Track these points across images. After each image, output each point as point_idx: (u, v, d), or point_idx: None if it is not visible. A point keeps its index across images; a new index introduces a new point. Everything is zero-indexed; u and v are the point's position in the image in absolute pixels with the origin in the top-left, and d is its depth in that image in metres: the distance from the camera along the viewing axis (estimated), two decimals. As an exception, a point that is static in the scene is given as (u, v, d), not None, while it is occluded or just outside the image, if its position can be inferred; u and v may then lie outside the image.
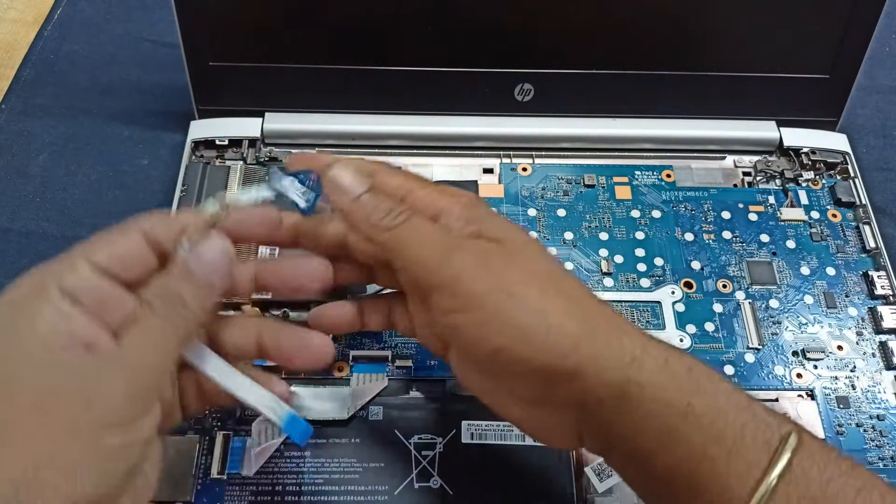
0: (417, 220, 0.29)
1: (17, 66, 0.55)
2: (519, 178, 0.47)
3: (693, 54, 0.47)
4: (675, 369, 0.26)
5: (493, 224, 0.30)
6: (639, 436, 0.26)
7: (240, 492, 0.35)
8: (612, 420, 0.26)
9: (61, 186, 0.49)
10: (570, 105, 0.48)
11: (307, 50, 0.46)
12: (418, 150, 0.49)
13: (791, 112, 0.49)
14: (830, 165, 0.48)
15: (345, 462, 0.36)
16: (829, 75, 0.47)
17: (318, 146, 0.48)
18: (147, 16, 0.58)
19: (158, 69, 0.54)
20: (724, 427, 0.25)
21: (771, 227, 0.45)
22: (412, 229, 0.29)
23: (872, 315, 0.41)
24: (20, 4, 0.60)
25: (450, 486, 0.35)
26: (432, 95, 0.48)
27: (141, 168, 0.50)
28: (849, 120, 0.49)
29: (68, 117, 0.52)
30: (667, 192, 0.46)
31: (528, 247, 0.29)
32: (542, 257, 0.29)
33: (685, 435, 0.26)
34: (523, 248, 0.29)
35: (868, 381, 0.39)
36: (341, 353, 0.39)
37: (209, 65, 0.46)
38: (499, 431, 0.36)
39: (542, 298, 0.27)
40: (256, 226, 0.31)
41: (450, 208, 0.30)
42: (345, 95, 0.48)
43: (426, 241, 0.29)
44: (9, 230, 0.47)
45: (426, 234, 0.29)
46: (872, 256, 0.44)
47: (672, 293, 0.42)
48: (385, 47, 0.46)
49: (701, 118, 0.49)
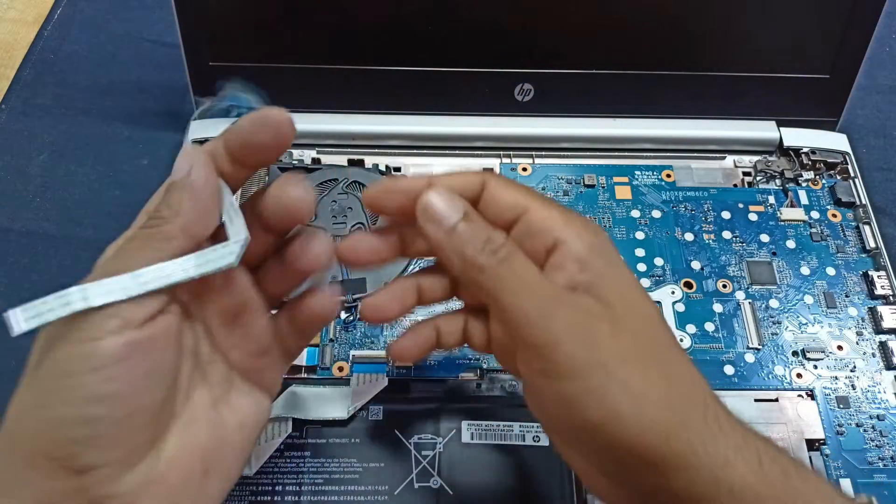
0: (519, 262, 0.26)
1: (17, 66, 0.55)
2: (519, 178, 0.47)
3: (693, 54, 0.47)
4: (770, 474, 0.24)
5: (609, 276, 0.26)
6: None
7: (240, 492, 0.35)
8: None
9: (61, 186, 0.49)
10: (570, 105, 0.48)
11: (307, 50, 0.46)
12: (418, 150, 0.49)
13: (791, 112, 0.49)
14: (830, 165, 0.48)
15: (345, 462, 0.36)
16: (829, 75, 0.47)
17: (318, 146, 0.48)
18: (147, 16, 0.58)
19: (158, 69, 0.54)
20: None
21: (771, 227, 0.45)
22: (510, 272, 0.26)
23: (872, 315, 0.41)
24: (20, 4, 0.60)
25: (450, 486, 0.35)
26: (432, 95, 0.48)
27: (141, 168, 0.50)
28: (849, 120, 0.49)
29: (68, 117, 0.52)
30: (667, 192, 0.46)
31: (638, 313, 0.26)
32: (651, 327, 0.26)
33: None
34: (633, 314, 0.26)
35: (868, 381, 0.39)
36: (341, 353, 0.39)
37: (209, 65, 0.46)
38: (499, 431, 0.36)
39: (644, 381, 0.25)
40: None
41: (569, 243, 0.26)
42: (345, 95, 0.48)
43: (525, 290, 0.25)
44: (9, 230, 0.47)
45: (527, 281, 0.26)
46: (872, 256, 0.44)
47: (672, 293, 0.42)
48: (385, 47, 0.46)
49: (701, 118, 0.49)
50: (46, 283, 0.44)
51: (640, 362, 0.25)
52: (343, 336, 0.40)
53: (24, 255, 0.46)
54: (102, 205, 0.48)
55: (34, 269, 0.45)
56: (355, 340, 0.40)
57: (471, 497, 0.35)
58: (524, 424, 0.37)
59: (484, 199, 0.28)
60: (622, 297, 0.26)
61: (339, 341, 0.40)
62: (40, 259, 0.46)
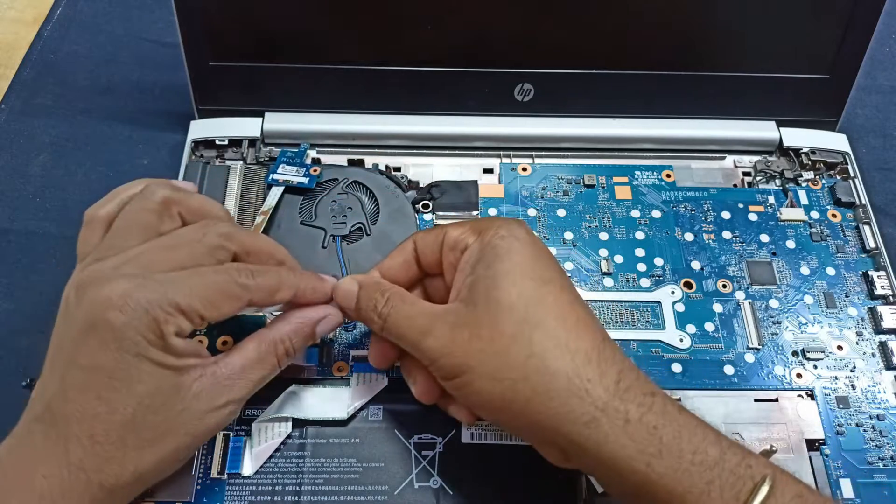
0: (399, 302, 0.33)
1: (17, 65, 0.55)
2: (519, 178, 0.47)
3: (693, 54, 0.47)
4: (635, 431, 0.29)
5: (483, 278, 0.32)
6: (610, 488, 0.31)
7: (240, 492, 0.35)
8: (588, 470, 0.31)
9: (61, 186, 0.49)
10: (570, 105, 0.48)
11: (307, 50, 0.46)
12: (418, 150, 0.49)
13: (791, 112, 0.49)
14: (830, 165, 0.48)
15: (345, 462, 0.36)
16: (829, 75, 0.47)
17: (319, 146, 0.48)
18: (147, 16, 0.58)
19: (158, 69, 0.54)
20: (687, 489, 0.28)
21: (771, 227, 0.45)
22: (396, 313, 0.33)
23: (872, 315, 0.41)
24: (20, 4, 0.60)
25: (450, 486, 0.35)
26: (432, 95, 0.48)
27: (141, 168, 0.50)
28: (849, 120, 0.49)
29: (68, 117, 0.52)
30: (667, 192, 0.46)
31: (501, 311, 0.31)
32: (512, 323, 0.30)
33: (649, 494, 0.28)
34: (493, 313, 0.31)
35: (868, 381, 0.39)
36: (341, 354, 0.39)
37: (209, 65, 0.46)
38: (499, 431, 0.36)
39: (490, 385, 0.30)
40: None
41: (467, 251, 0.33)
42: (345, 95, 0.48)
43: (407, 322, 0.33)
44: (9, 230, 0.47)
45: (409, 314, 0.33)
46: (872, 256, 0.44)
47: (672, 293, 0.42)
48: (385, 47, 0.46)
49: (701, 118, 0.49)
50: (46, 283, 0.44)
51: (491, 363, 0.30)
52: (343, 336, 0.40)
53: (24, 255, 0.46)
54: (102, 205, 0.48)
55: (34, 269, 0.45)
56: (355, 340, 0.40)
57: (471, 497, 0.35)
58: (524, 424, 0.37)
59: (422, 251, 0.35)
60: (486, 298, 0.31)
61: (339, 341, 0.40)
62: (40, 259, 0.46)
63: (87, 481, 0.29)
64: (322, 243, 0.43)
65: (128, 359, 0.29)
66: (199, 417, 0.31)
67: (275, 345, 0.33)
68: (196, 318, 0.31)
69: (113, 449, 0.29)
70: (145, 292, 0.29)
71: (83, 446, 0.29)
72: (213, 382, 0.31)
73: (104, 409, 0.29)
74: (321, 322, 0.35)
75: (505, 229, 0.33)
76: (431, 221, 0.44)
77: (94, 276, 0.30)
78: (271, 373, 0.34)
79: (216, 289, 0.31)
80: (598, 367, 0.30)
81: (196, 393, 0.31)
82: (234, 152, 0.47)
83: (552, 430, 0.29)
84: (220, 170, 0.46)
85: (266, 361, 0.33)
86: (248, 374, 0.32)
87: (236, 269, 0.33)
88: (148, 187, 0.35)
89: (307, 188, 0.45)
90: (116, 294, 0.29)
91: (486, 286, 0.31)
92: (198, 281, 0.31)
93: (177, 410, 0.30)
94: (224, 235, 0.34)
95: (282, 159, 0.46)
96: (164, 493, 0.34)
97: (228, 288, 0.32)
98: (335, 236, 0.43)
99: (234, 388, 0.32)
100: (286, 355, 0.34)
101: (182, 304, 0.30)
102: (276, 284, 0.34)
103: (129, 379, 0.29)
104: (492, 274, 0.31)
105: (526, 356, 0.30)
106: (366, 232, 0.44)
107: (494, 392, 0.30)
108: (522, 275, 0.31)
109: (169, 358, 0.30)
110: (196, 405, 0.31)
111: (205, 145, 0.48)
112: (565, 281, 0.32)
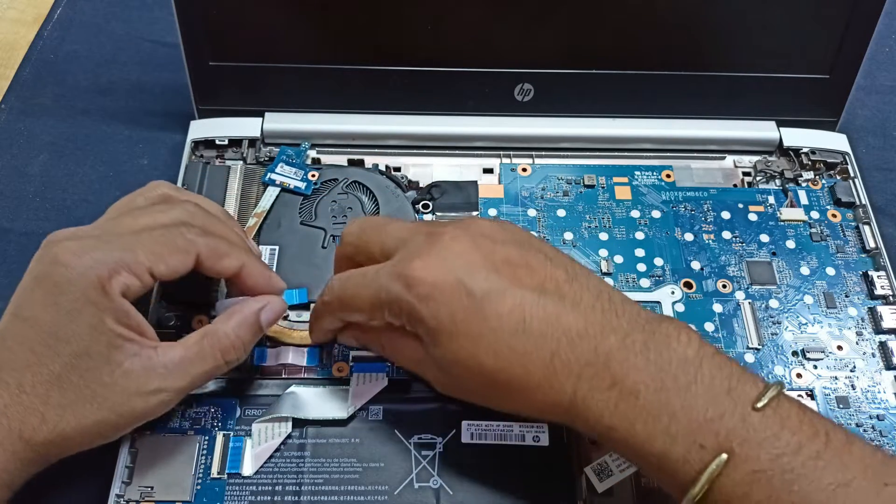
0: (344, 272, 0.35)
1: (17, 65, 0.55)
2: (519, 178, 0.47)
3: (693, 54, 0.47)
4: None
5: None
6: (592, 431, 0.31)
7: (239, 492, 0.35)
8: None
9: (61, 186, 0.49)
10: (570, 105, 0.48)
11: (307, 50, 0.46)
12: (418, 150, 0.49)
13: (791, 112, 0.49)
14: (830, 165, 0.48)
15: (345, 462, 0.36)
16: (829, 75, 0.47)
17: (319, 146, 0.48)
18: (147, 16, 0.58)
19: (158, 69, 0.54)
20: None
21: (771, 227, 0.45)
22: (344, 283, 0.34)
23: (872, 315, 0.41)
24: (20, 4, 0.60)
25: (450, 486, 0.35)
26: (433, 95, 0.48)
27: (141, 168, 0.50)
28: (848, 120, 0.49)
29: (68, 117, 0.52)
30: (667, 192, 0.46)
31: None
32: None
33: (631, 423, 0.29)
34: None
35: (868, 381, 0.39)
36: (341, 353, 0.39)
37: (209, 65, 0.46)
38: (499, 431, 0.36)
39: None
40: None
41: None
42: (345, 95, 0.48)
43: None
44: (9, 230, 0.47)
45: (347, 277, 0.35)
46: (872, 256, 0.44)
47: (672, 293, 0.42)
48: (385, 47, 0.46)
49: (701, 118, 0.49)
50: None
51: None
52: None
53: (24, 255, 0.45)
54: (102, 205, 0.47)
55: (34, 269, 0.45)
56: (355, 340, 0.40)
57: (471, 497, 0.35)
58: (524, 424, 0.37)
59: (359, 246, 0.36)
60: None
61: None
62: (40, 259, 0.45)
63: (8, 428, 0.30)
64: (322, 243, 0.43)
65: (63, 315, 0.30)
66: (125, 396, 0.31)
67: (218, 339, 0.33)
68: (144, 272, 0.32)
69: (38, 402, 0.30)
70: (92, 251, 0.31)
71: (11, 393, 0.30)
72: (146, 365, 0.31)
73: (34, 360, 0.30)
74: (263, 310, 0.35)
75: (415, 299, 0.31)
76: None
77: (57, 238, 0.32)
78: (214, 368, 0.33)
79: (163, 241, 0.33)
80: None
81: (126, 371, 0.31)
82: (234, 152, 0.47)
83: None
84: (220, 170, 0.46)
85: (207, 356, 0.33)
86: (187, 367, 0.33)
87: (186, 226, 0.34)
88: (156, 182, 0.37)
89: (302, 192, 0.45)
90: (65, 251, 0.31)
91: (451, 368, 0.31)
92: (146, 237, 0.32)
93: (103, 382, 0.31)
94: (189, 213, 0.35)
95: (281, 157, 0.46)
96: (164, 492, 0.34)
97: (175, 241, 0.33)
98: (335, 236, 0.43)
99: (169, 378, 0.32)
100: (232, 349, 0.34)
101: (128, 259, 0.31)
102: (224, 249, 0.35)
103: (62, 336, 0.30)
104: (448, 356, 0.31)
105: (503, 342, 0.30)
106: (366, 232, 0.44)
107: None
108: (469, 341, 0.30)
109: (108, 321, 0.31)
110: (124, 382, 0.31)
111: (205, 145, 0.48)
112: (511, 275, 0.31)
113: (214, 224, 0.36)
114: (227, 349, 0.34)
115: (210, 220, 0.36)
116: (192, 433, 0.36)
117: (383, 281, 0.32)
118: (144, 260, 0.32)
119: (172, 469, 0.35)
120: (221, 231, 0.36)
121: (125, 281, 0.31)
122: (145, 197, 0.36)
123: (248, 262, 0.36)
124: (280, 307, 0.36)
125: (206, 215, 0.36)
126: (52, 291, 0.30)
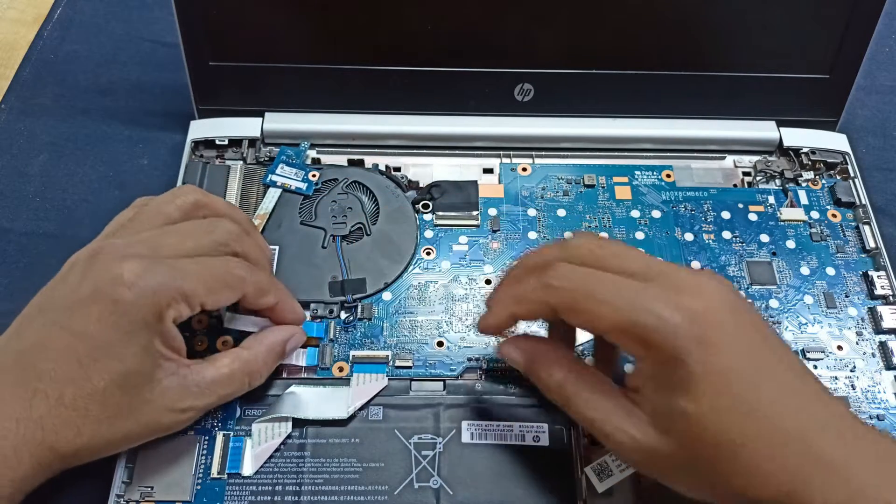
0: (581, 392, 0.32)
1: (17, 65, 0.55)
2: (519, 178, 0.47)
3: (693, 54, 0.47)
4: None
5: (690, 413, 0.28)
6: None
7: (239, 492, 0.35)
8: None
9: (61, 186, 0.49)
10: (570, 105, 0.48)
11: (307, 50, 0.46)
12: (418, 150, 0.49)
13: (791, 112, 0.49)
14: (830, 165, 0.48)
15: (345, 462, 0.36)
16: (829, 75, 0.47)
17: (319, 146, 0.48)
18: (147, 16, 0.58)
19: (158, 69, 0.54)
20: None
21: (771, 227, 0.45)
22: (578, 400, 0.32)
23: (872, 315, 0.41)
24: (20, 4, 0.60)
25: (450, 486, 0.35)
26: (432, 95, 0.48)
27: (141, 168, 0.50)
28: (848, 120, 0.49)
29: (68, 117, 0.52)
30: (667, 192, 0.46)
31: (703, 448, 0.29)
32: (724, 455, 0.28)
33: None
34: (699, 450, 0.29)
35: (868, 381, 0.39)
36: (341, 354, 0.39)
37: (209, 65, 0.46)
38: (499, 431, 0.36)
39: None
40: None
41: (641, 365, 0.30)
42: (345, 95, 0.48)
43: (592, 415, 0.31)
44: (9, 230, 0.47)
45: (594, 408, 0.31)
46: (872, 256, 0.44)
47: (672, 293, 0.42)
48: (385, 47, 0.46)
49: (701, 118, 0.49)
50: (46, 283, 0.44)
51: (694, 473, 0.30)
52: (343, 336, 0.40)
53: (24, 255, 0.46)
54: (102, 205, 0.48)
55: (34, 269, 0.45)
56: (355, 340, 0.40)
57: (471, 497, 0.35)
58: (524, 424, 0.37)
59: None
60: (691, 438, 0.29)
61: (339, 341, 0.40)
62: (40, 259, 0.45)
63: (41, 440, 0.29)
64: (322, 243, 0.43)
65: (120, 335, 0.30)
66: (158, 412, 0.32)
67: (248, 364, 0.34)
68: (196, 304, 0.32)
69: (76, 416, 0.30)
70: (156, 276, 0.31)
71: (49, 405, 0.29)
72: (182, 384, 0.32)
73: (81, 375, 0.30)
74: (289, 341, 0.37)
75: (688, 338, 0.28)
76: (431, 221, 0.44)
77: (107, 250, 0.32)
78: (239, 390, 0.35)
79: (217, 276, 0.33)
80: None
81: (164, 388, 0.32)
82: (234, 152, 0.47)
83: None
84: (220, 170, 0.46)
85: (236, 379, 0.34)
86: (217, 387, 0.33)
87: (236, 261, 0.34)
88: (184, 187, 0.38)
89: (303, 192, 0.45)
90: (129, 272, 0.30)
91: (685, 425, 0.28)
92: (201, 268, 0.33)
93: (143, 398, 0.31)
94: (231, 234, 0.35)
95: (281, 158, 0.46)
96: (165, 493, 0.34)
97: (227, 277, 0.33)
98: (335, 236, 0.43)
99: (200, 397, 0.33)
100: (258, 375, 0.35)
101: (187, 289, 0.31)
102: (267, 286, 0.35)
103: (114, 355, 0.30)
104: (692, 411, 0.28)
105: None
106: (366, 232, 0.44)
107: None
108: (733, 408, 0.27)
109: (157, 343, 0.31)
110: (160, 400, 0.32)
111: (205, 145, 0.48)
112: (788, 368, 0.29)
113: (251, 247, 0.36)
114: (255, 374, 0.35)
115: (247, 243, 0.36)
116: (192, 433, 0.36)
117: (650, 303, 0.28)
118: (201, 293, 0.32)
119: (172, 469, 0.35)
120: (255, 254, 0.36)
121: (181, 310, 0.32)
122: (177, 206, 0.36)
123: (283, 298, 0.37)
124: (302, 339, 0.38)
125: (243, 235, 0.36)
126: (111, 310, 0.30)
